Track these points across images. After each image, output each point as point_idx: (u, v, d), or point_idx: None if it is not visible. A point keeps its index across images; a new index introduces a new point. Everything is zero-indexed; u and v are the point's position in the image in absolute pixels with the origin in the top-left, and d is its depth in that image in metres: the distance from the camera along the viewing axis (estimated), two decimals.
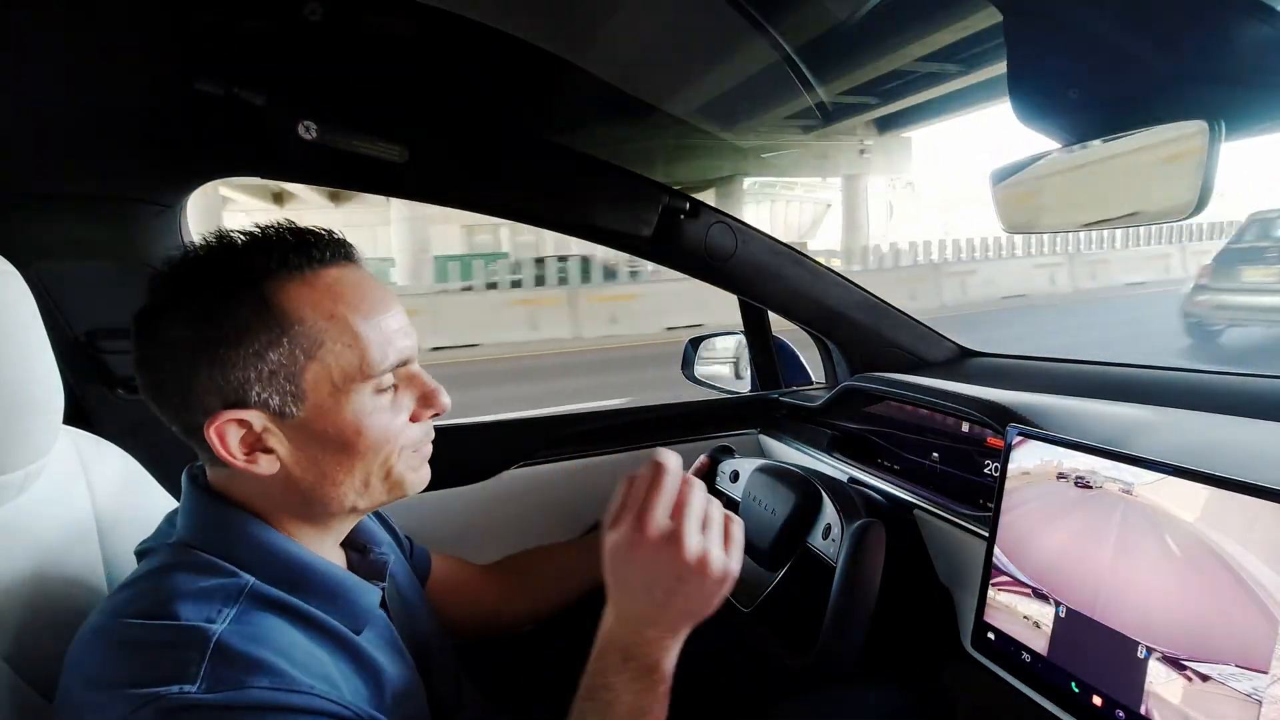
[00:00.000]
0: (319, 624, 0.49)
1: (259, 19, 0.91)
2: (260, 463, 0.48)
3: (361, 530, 0.63)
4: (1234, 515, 0.50)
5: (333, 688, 0.45)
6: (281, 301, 0.47)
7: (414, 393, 0.53)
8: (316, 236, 0.50)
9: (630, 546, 0.51)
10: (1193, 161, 0.61)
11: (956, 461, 0.96)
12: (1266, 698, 0.45)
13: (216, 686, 0.40)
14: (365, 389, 0.49)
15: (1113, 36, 0.61)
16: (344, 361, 0.48)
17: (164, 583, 0.46)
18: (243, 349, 0.46)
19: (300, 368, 0.47)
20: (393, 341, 0.50)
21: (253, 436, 0.48)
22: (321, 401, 0.48)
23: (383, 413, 0.50)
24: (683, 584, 0.51)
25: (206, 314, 0.46)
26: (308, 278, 0.48)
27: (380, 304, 0.51)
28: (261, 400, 0.47)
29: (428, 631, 0.65)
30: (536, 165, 1.08)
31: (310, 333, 0.47)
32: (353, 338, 0.48)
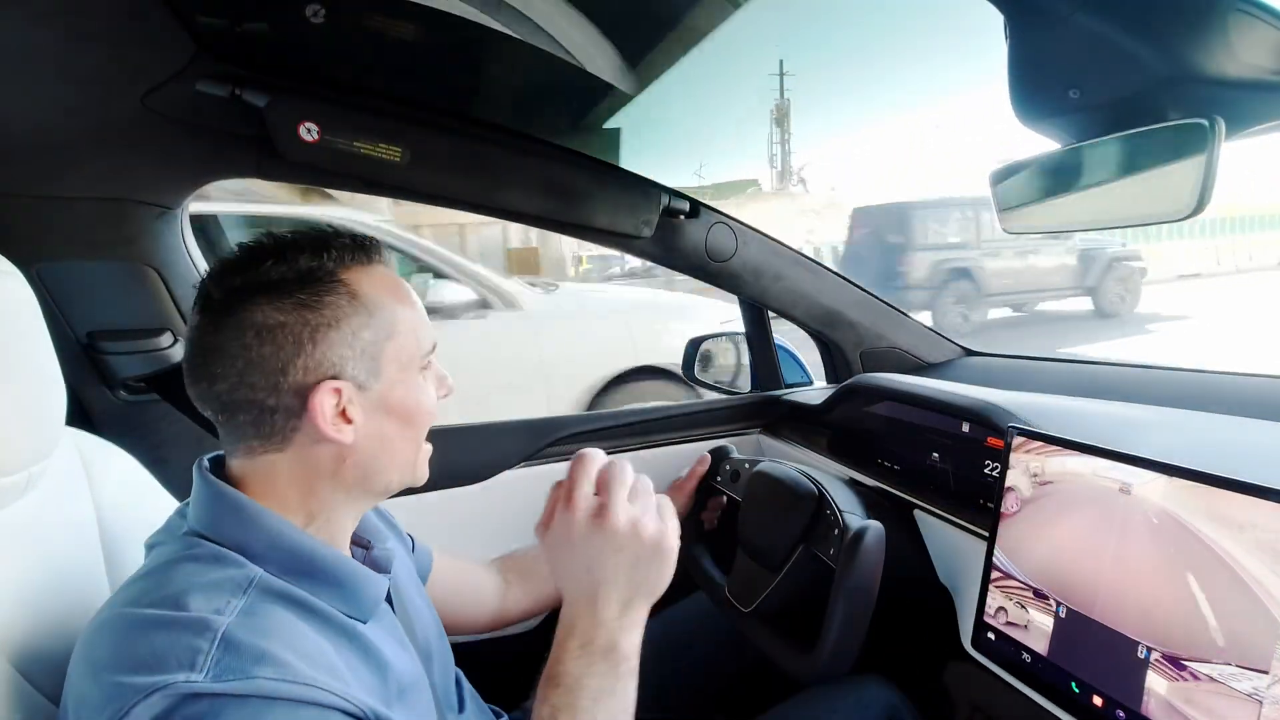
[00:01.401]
0: (326, 615, 0.49)
1: (261, 20, 0.91)
2: (344, 431, 0.52)
3: (366, 526, 0.64)
4: (1234, 515, 0.50)
5: (339, 681, 0.45)
6: (363, 289, 0.53)
7: (435, 376, 0.60)
8: (364, 237, 0.57)
9: (563, 527, 0.56)
10: (1193, 161, 0.61)
11: (956, 461, 0.96)
12: (1267, 698, 0.45)
13: (223, 676, 0.40)
14: (416, 367, 0.56)
15: (1113, 37, 0.61)
16: (409, 342, 0.55)
17: (173, 574, 0.47)
18: (341, 330, 0.52)
19: (381, 347, 0.53)
20: (429, 327, 0.58)
21: (339, 408, 0.52)
22: (393, 376, 0.54)
23: (427, 390, 0.58)
24: (621, 554, 0.54)
25: (305, 302, 0.51)
26: (370, 270, 0.55)
27: (416, 298, 0.59)
28: (352, 373, 0.52)
29: (429, 629, 0.66)
30: (536, 166, 1.08)
31: (386, 315, 0.54)
32: (414, 323, 0.56)
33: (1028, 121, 0.75)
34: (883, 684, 0.77)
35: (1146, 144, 0.66)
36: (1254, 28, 0.58)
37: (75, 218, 0.91)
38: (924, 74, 36.63)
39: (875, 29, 10.49)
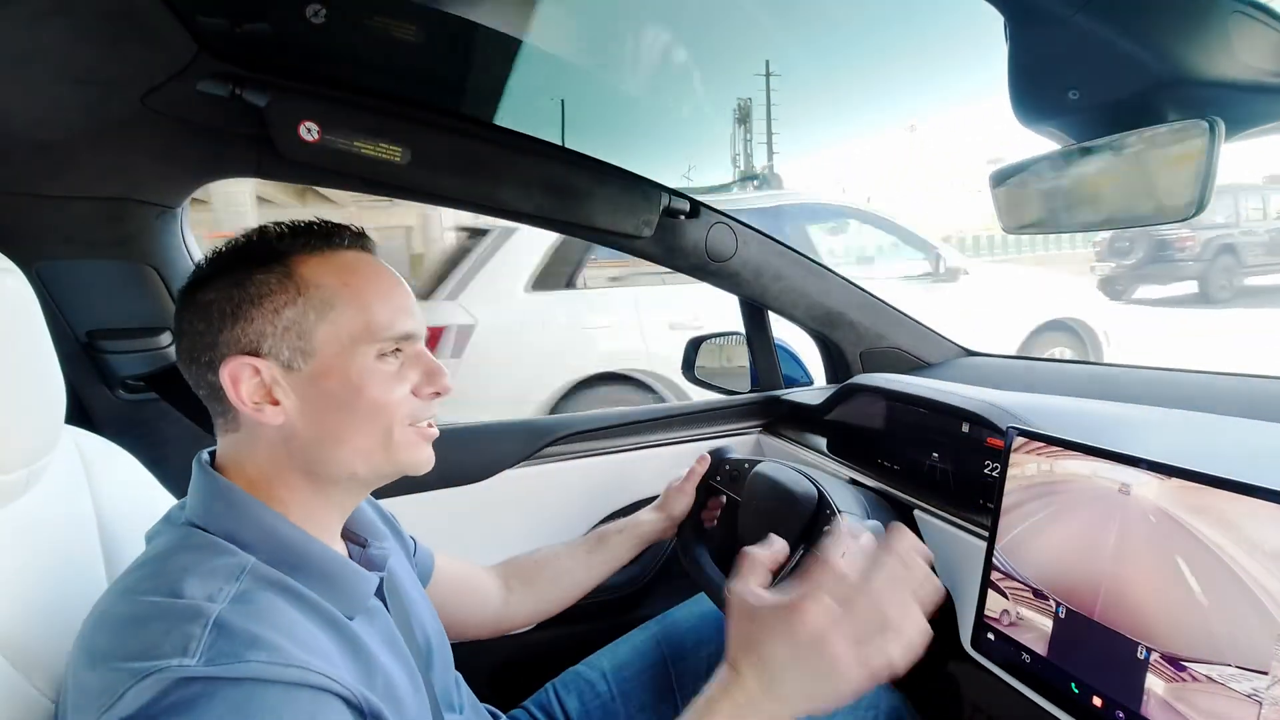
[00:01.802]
0: (315, 605, 0.50)
1: (261, 20, 0.91)
2: (266, 411, 0.52)
3: (364, 523, 0.64)
4: (1234, 516, 0.50)
5: (332, 665, 0.45)
6: (302, 272, 0.53)
7: (419, 369, 0.57)
8: (340, 226, 0.57)
9: (763, 600, 0.50)
10: (1193, 161, 0.61)
11: (956, 461, 0.96)
12: (1266, 699, 0.45)
13: (216, 660, 0.40)
14: (370, 352, 0.54)
15: (1113, 38, 0.61)
16: (353, 324, 0.53)
17: (167, 563, 0.47)
18: (262, 306, 0.52)
19: (311, 326, 0.52)
20: (399, 314, 0.55)
21: (263, 388, 0.52)
22: (329, 359, 0.53)
23: (385, 378, 0.54)
24: (801, 655, 0.47)
25: (236, 280, 0.53)
26: (328, 255, 0.55)
27: (391, 284, 0.57)
28: (273, 352, 0.52)
29: (428, 630, 0.66)
30: (537, 166, 1.08)
31: (324, 295, 0.53)
32: (363, 304, 0.54)
33: (1028, 122, 0.75)
34: (883, 684, 0.77)
35: (1146, 145, 0.67)
36: (1254, 29, 0.58)
37: (75, 217, 0.91)
38: (918, 79, 36.59)
39: (870, 35, 10.59)
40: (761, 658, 0.48)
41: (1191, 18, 0.59)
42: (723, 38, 1.27)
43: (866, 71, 22.72)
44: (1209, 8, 0.58)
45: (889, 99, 42.15)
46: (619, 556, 0.92)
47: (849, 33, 8.69)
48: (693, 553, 0.95)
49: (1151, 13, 0.60)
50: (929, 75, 38.99)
